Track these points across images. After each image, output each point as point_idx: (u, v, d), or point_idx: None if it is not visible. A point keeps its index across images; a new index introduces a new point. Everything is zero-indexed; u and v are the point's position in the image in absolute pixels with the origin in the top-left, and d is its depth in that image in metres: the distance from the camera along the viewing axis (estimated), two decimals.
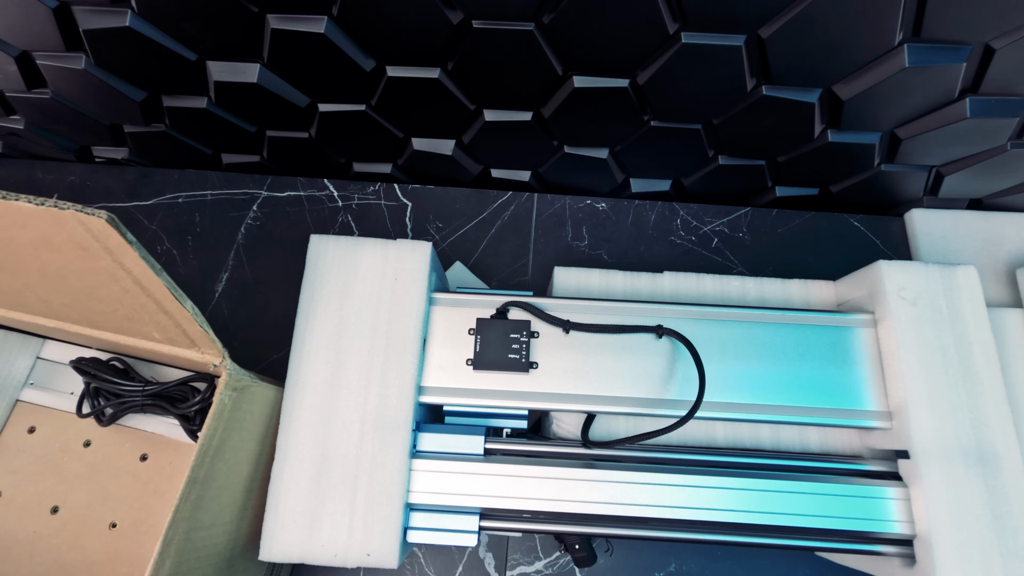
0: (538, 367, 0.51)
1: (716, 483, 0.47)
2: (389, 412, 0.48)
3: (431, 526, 0.46)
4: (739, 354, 0.52)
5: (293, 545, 0.44)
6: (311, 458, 0.46)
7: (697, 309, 0.53)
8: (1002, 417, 0.47)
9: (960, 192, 0.69)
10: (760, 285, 0.59)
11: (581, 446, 0.50)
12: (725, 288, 0.59)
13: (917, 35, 0.48)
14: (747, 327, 0.53)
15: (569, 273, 0.59)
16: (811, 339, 0.52)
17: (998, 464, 0.46)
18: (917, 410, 0.47)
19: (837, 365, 0.51)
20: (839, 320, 0.53)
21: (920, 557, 0.45)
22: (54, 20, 0.54)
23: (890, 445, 0.49)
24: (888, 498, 0.47)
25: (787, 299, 0.59)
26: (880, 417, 0.50)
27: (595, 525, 0.47)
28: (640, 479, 0.47)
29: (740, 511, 0.46)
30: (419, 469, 0.47)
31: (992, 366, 0.49)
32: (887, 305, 0.51)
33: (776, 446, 0.53)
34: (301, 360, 0.49)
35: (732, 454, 0.51)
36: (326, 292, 0.51)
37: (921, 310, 0.50)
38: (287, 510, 0.45)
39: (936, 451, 0.46)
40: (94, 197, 0.74)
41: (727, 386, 0.51)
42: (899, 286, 0.51)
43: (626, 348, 0.51)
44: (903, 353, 0.49)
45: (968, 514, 0.44)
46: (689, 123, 0.63)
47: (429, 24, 0.51)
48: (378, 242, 0.53)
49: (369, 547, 0.44)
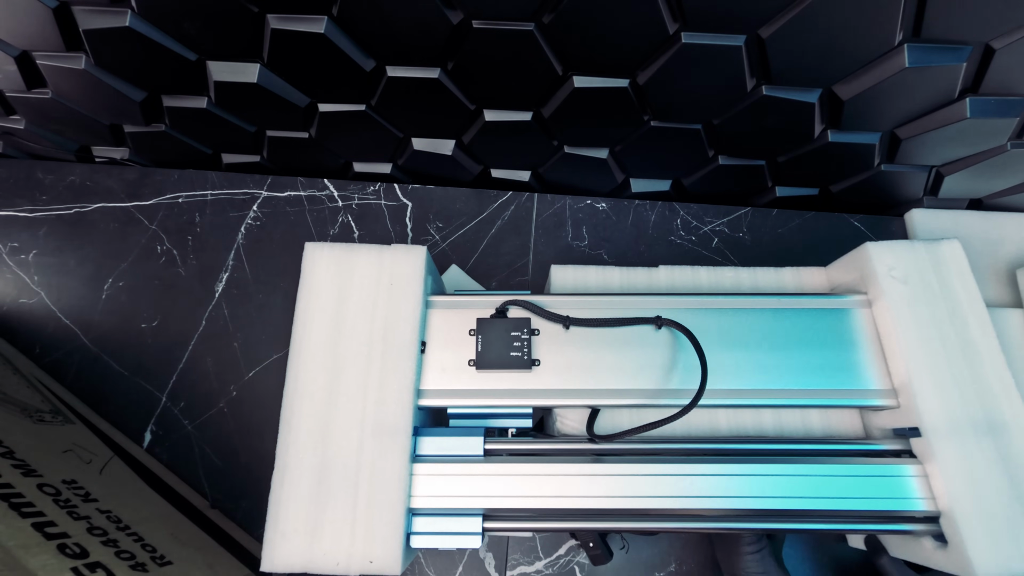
0: (540, 364, 0.51)
1: (728, 470, 0.47)
2: (388, 418, 0.47)
3: (434, 530, 0.46)
4: (738, 341, 0.52)
5: (295, 555, 0.44)
6: (310, 466, 0.46)
7: (694, 299, 0.54)
8: (1006, 385, 0.47)
9: (960, 192, 0.69)
10: (754, 274, 0.59)
11: (584, 441, 0.50)
12: (719, 279, 0.59)
13: (917, 35, 0.48)
14: (744, 314, 0.53)
15: (566, 271, 0.60)
16: (808, 322, 0.53)
17: (1008, 432, 0.46)
18: (922, 386, 0.47)
19: (836, 347, 0.52)
20: (834, 302, 0.54)
21: (950, 536, 0.45)
22: (54, 20, 0.54)
23: (899, 423, 0.49)
24: (907, 476, 0.47)
25: (781, 286, 0.59)
26: (885, 395, 0.50)
27: (601, 520, 0.47)
28: (646, 470, 0.47)
29: (758, 497, 0.46)
30: (420, 473, 0.47)
31: (989, 336, 0.49)
32: (879, 285, 0.51)
33: (779, 432, 0.53)
34: (299, 368, 0.49)
35: (738, 441, 0.50)
36: (322, 300, 0.51)
37: (913, 287, 0.51)
38: (288, 519, 0.45)
39: (946, 425, 0.46)
40: (94, 197, 0.74)
41: (728, 373, 0.51)
42: (888, 266, 0.52)
43: (626, 341, 0.52)
44: (900, 331, 0.49)
45: (987, 485, 0.44)
46: (689, 123, 0.63)
47: (429, 24, 0.51)
48: (373, 248, 0.53)
49: (372, 554, 0.44)
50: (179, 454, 0.63)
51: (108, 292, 0.69)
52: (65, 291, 0.70)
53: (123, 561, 0.44)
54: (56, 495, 0.47)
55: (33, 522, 0.42)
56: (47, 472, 0.49)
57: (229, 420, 0.64)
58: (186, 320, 0.68)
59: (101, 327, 0.68)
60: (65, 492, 0.48)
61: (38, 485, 0.46)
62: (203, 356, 0.67)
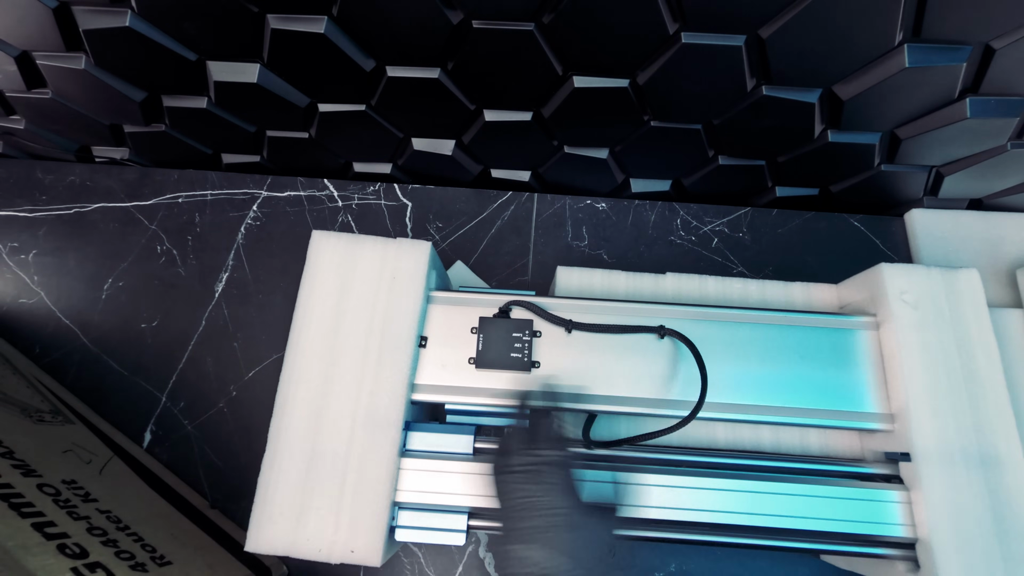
0: (540, 366, 0.51)
1: (717, 484, 0.47)
2: (380, 410, 0.48)
3: (418, 525, 0.46)
4: (741, 355, 0.52)
5: (279, 537, 0.45)
6: (301, 452, 0.47)
7: (699, 310, 0.53)
8: (1004, 420, 0.47)
9: (960, 192, 0.69)
10: (762, 287, 0.59)
11: (578, 446, 0.50)
12: (727, 290, 0.59)
13: (917, 35, 0.48)
14: (749, 328, 0.53)
15: (572, 273, 0.59)
16: (813, 341, 0.52)
17: (1000, 467, 0.46)
18: (919, 413, 0.47)
19: (839, 367, 0.51)
20: (841, 322, 0.53)
21: (923, 562, 0.45)
22: (54, 20, 0.54)
23: (892, 448, 0.49)
24: (890, 501, 0.47)
25: (789, 301, 0.59)
26: (882, 419, 0.50)
27: None
28: (637, 479, 0.47)
29: (741, 513, 0.46)
30: (408, 468, 0.47)
31: (994, 369, 0.48)
32: (889, 308, 0.51)
33: (776, 448, 0.53)
34: (297, 354, 0.49)
35: (733, 455, 0.50)
36: (325, 288, 0.51)
37: (923, 313, 0.50)
38: (275, 502, 0.45)
39: (937, 454, 0.46)
40: (94, 197, 0.74)
41: (729, 387, 0.50)
42: (901, 289, 0.51)
43: (628, 348, 0.51)
44: (905, 356, 0.49)
45: (969, 517, 0.44)
46: (689, 123, 0.63)
47: (429, 24, 0.51)
48: (378, 240, 0.53)
49: (354, 544, 0.44)
50: (179, 454, 0.63)
51: (108, 292, 0.69)
52: (65, 291, 0.70)
53: (123, 561, 0.44)
54: (56, 495, 0.47)
55: (33, 522, 0.42)
56: (47, 472, 0.49)
57: (229, 420, 0.64)
58: (186, 320, 0.68)
59: (101, 327, 0.68)
60: (65, 492, 0.48)
61: (38, 485, 0.46)
62: (203, 356, 0.67)
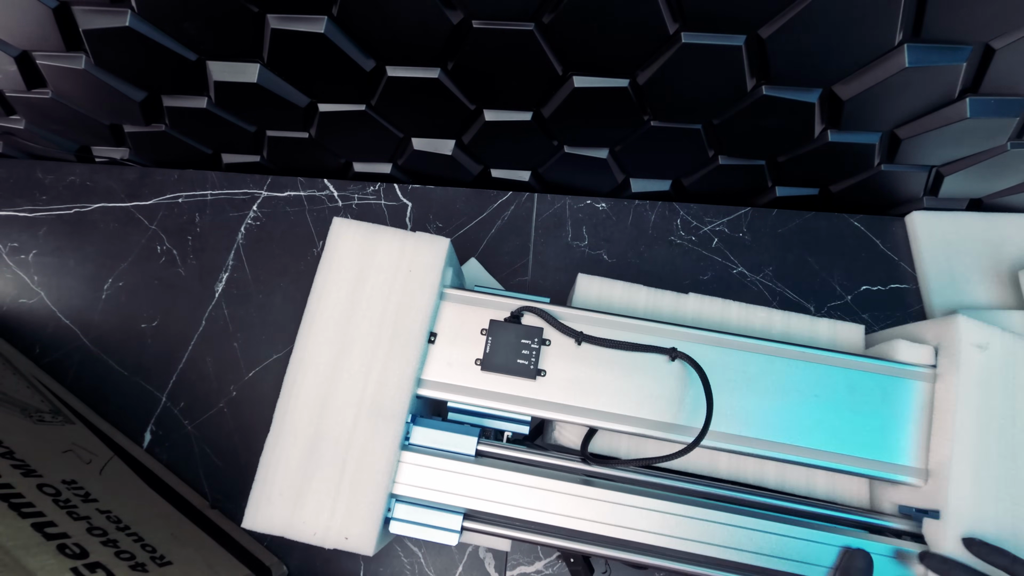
0: (546, 375, 0.50)
1: (715, 517, 0.46)
2: (386, 401, 0.48)
3: (413, 519, 0.46)
4: (758, 387, 0.50)
5: (276, 518, 0.45)
6: (304, 435, 0.47)
7: (716, 336, 0.51)
8: None
9: (960, 192, 0.69)
10: (787, 319, 0.57)
11: (578, 460, 0.49)
12: (750, 317, 0.57)
13: (917, 35, 0.48)
14: (768, 360, 0.51)
15: (592, 282, 0.58)
16: (846, 383, 0.50)
17: None
18: (960, 473, 0.45)
19: (871, 413, 0.49)
20: (894, 370, 0.51)
21: None
22: (54, 20, 0.54)
23: (918, 503, 0.47)
24: (907, 558, 0.45)
25: (813, 336, 0.56)
26: (914, 473, 0.48)
27: (581, 542, 0.46)
28: (634, 502, 0.46)
29: (739, 550, 0.45)
30: (408, 461, 0.47)
31: None
32: (957, 360, 0.48)
33: (781, 484, 0.51)
34: (308, 338, 0.49)
35: (734, 488, 0.49)
36: (342, 275, 0.51)
37: (990, 373, 0.47)
38: (275, 483, 0.46)
39: (971, 518, 0.44)
40: (94, 197, 0.74)
41: (740, 418, 0.49)
42: (978, 344, 0.48)
43: (637, 367, 0.50)
44: (961, 412, 0.46)
45: None
46: (689, 123, 0.63)
47: (429, 24, 0.51)
48: (397, 232, 0.53)
49: (349, 531, 0.44)
50: (179, 454, 0.63)
51: (108, 292, 0.69)
52: (65, 291, 0.70)
53: (123, 561, 0.44)
54: (56, 495, 0.47)
55: (33, 522, 0.42)
56: (47, 472, 0.49)
57: (229, 420, 0.64)
58: (186, 320, 0.68)
59: (101, 327, 0.68)
60: (65, 492, 0.48)
61: (38, 485, 0.46)
62: (203, 356, 0.67)
